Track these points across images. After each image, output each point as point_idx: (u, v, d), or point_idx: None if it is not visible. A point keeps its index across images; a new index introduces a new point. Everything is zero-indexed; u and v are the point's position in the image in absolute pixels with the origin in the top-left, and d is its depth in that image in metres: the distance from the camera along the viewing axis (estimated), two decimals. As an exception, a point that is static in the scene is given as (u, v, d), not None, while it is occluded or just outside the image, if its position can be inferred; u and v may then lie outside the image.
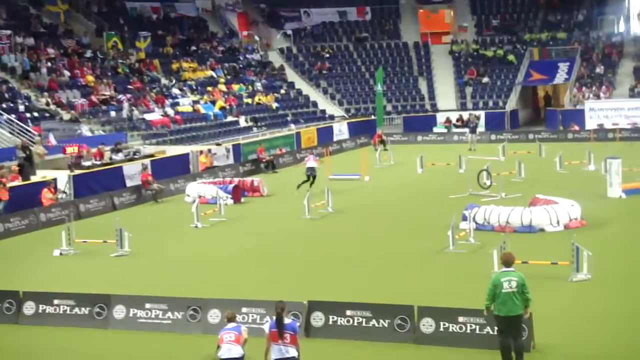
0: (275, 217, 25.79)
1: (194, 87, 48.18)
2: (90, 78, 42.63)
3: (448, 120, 50.93)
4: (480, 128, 50.11)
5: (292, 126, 47.68)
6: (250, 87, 52.18)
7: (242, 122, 46.48)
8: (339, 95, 57.20)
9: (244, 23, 62.06)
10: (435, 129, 51.11)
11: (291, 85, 56.13)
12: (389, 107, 56.20)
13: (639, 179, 27.01)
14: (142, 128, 40.36)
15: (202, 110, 45.29)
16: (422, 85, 58.34)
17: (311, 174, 29.95)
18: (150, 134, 39.89)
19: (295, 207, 26.12)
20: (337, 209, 25.86)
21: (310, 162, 30.37)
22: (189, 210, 24.90)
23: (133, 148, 35.69)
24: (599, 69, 53.70)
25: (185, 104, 45.21)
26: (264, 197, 30.08)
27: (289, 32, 61.87)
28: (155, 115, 41.90)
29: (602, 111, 48.15)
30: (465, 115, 50.89)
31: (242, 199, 29.24)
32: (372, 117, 52.97)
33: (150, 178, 30.09)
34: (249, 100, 50.01)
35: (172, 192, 31.31)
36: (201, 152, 35.06)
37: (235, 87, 51.07)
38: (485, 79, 57.07)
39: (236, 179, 31.10)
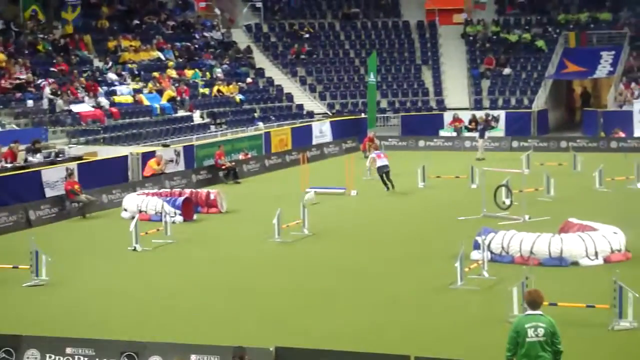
0: (236, 240, 25.74)
1: (136, 72, 48.11)
2: (1, 57, 42.45)
3: (457, 120, 51.09)
4: (499, 132, 50.49)
5: (260, 125, 47.71)
6: (207, 73, 52.19)
7: (197, 118, 46.46)
8: (321, 87, 57.34)
9: (201, -9, 62.13)
10: (441, 132, 51.37)
11: (260, 72, 56.21)
12: (384, 104, 56.40)
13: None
14: (68, 123, 40.21)
15: (146, 102, 45.21)
16: (427, 76, 58.60)
17: (384, 173, 33.69)
18: (78, 130, 39.75)
19: (261, 227, 26.09)
20: (315, 230, 25.85)
21: (382, 159, 33.80)
22: (126, 228, 24.81)
23: (55, 148, 35.53)
24: (653, 61, 54.19)
25: (124, 94, 45.12)
26: (222, 213, 30.04)
27: (259, 4, 61.96)
28: (84, 107, 41.75)
29: (656, 113, 48.60)
30: (481, 115, 51.13)
31: (195, 216, 29.19)
32: (363, 115, 53.11)
33: (76, 187, 29.96)
34: (206, 91, 50.01)
35: (104, 205, 31.23)
36: (154, 155, 35.02)
37: (189, 73, 51.05)
38: (507, 70, 57.43)
39: (187, 191, 31.04)
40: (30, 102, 40.47)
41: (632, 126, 48.25)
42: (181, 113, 46.03)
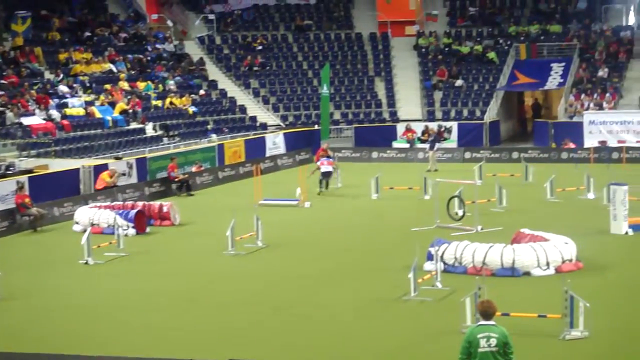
0: (189, 253, 25.65)
1: (88, 85, 47.81)
2: (-49, 69, 42.07)
3: (410, 130, 51.27)
4: (452, 143, 50.75)
5: (214, 137, 47.63)
6: (160, 85, 52.00)
7: (150, 130, 46.24)
8: (274, 99, 57.35)
9: (153, 4, 61.96)
10: (395, 144, 51.52)
11: (213, 84, 56.12)
12: (337, 115, 56.52)
13: (649, 211, 27.48)
14: (18, 135, 39.85)
15: (98, 114, 44.93)
16: (380, 88, 58.84)
17: (325, 179, 36.11)
18: (28, 143, 39.42)
19: (215, 239, 26.02)
20: (269, 242, 25.82)
21: (325, 166, 36.05)
22: (78, 242, 24.62)
23: (5, 161, 35.20)
24: (602, 72, 54.78)
25: (76, 106, 44.80)
26: (175, 226, 29.92)
27: (211, 16, 61.92)
28: (35, 120, 41.43)
29: (605, 125, 49.07)
30: (433, 127, 51.38)
31: (148, 229, 29.06)
32: (316, 127, 53.19)
33: (27, 200, 29.71)
34: (159, 103, 49.80)
35: (56, 218, 30.98)
36: (106, 168, 34.80)
37: (142, 85, 50.84)
38: (459, 82, 57.78)
39: (140, 203, 30.88)
40: (-21, 115, 40.11)
41: (582, 137, 48.72)
42: (133, 125, 45.78)
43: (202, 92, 53.88)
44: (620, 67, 55.51)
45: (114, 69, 51.06)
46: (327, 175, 36.50)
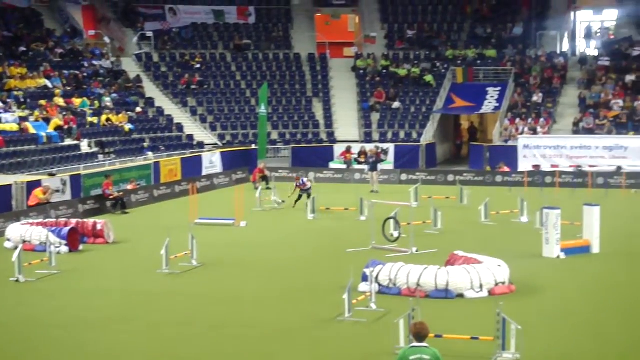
0: (123, 271, 25.42)
1: (22, 100, 47.30)
2: None
3: (348, 151, 51.50)
4: (389, 165, 51.00)
5: (150, 155, 47.36)
6: (96, 102, 51.64)
7: (85, 147, 45.87)
8: (212, 118, 57.25)
9: (90, 20, 61.61)
10: (331, 164, 51.67)
11: (150, 102, 55.85)
12: (275, 135, 56.57)
13: (582, 236, 27.82)
14: (-50, 150, 39.38)
15: (32, 130, 44.46)
16: (317, 108, 59.03)
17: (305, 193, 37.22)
18: (-40, 158, 38.93)
19: (149, 258, 25.84)
20: (203, 262, 25.69)
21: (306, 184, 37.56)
22: (9, 259, 24.28)
23: (-64, 176, 34.71)
24: (537, 97, 55.53)
25: (10, 121, 44.29)
26: (109, 244, 29.64)
27: (149, 34, 61.69)
28: (-32, 134, 40.93)
29: (539, 149, 49.72)
30: (372, 148, 51.64)
31: (81, 247, 28.74)
32: (253, 146, 53.17)
33: (-43, 216, 29.27)
34: (95, 120, 49.44)
35: (-14, 235, 30.56)
36: (39, 185, 34.38)
37: (77, 101, 50.44)
38: (397, 104, 58.20)
39: (74, 221, 30.55)
40: None
41: (516, 161, 49.33)
42: (68, 142, 45.37)
43: (138, 109, 53.60)
44: (554, 92, 56.34)
45: (50, 85, 50.60)
46: (306, 190, 37.58)
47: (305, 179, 38.25)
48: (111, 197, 37.28)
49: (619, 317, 19.82)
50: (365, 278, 21.64)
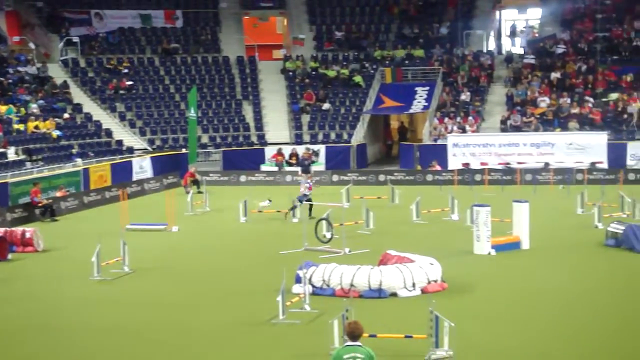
0: (53, 279, 25.11)
1: (-54, 108, 46.58)
2: None
3: (279, 154, 51.50)
4: (320, 166, 51.08)
5: (79, 161, 46.87)
6: (22, 109, 50.93)
7: (12, 154, 45.22)
8: (141, 123, 56.80)
9: (15, 25, 60.72)
10: (263, 167, 51.63)
11: (78, 108, 55.25)
12: (205, 139, 56.34)
13: (511, 232, 28.13)
14: None
15: (-43, 138, 43.82)
16: (247, 111, 58.93)
17: (300, 201, 34.60)
18: None
19: (80, 265, 25.61)
20: (135, 268, 25.52)
21: (304, 189, 34.97)
22: (-64, 270, 23.93)
23: None
24: (465, 96, 56.03)
25: None
26: (39, 252, 29.30)
27: (76, 39, 61.05)
28: None
29: (468, 147, 50.18)
30: (302, 150, 51.70)
31: (9, 256, 28.36)
32: (184, 150, 52.92)
33: None
34: (21, 127, 48.76)
35: None
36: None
37: (3, 108, 49.70)
38: (326, 105, 58.31)
39: (1, 230, 30.15)
40: None
41: (446, 159, 49.74)
42: (-5, 150, 44.78)
43: (66, 115, 52.98)
44: (482, 91, 56.91)
45: (-26, 92, 49.85)
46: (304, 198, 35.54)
47: (310, 183, 36.39)
48: (40, 204, 36.85)
49: (548, 312, 20.08)
50: (298, 280, 21.67)
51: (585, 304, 20.73)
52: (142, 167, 48.73)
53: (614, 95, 53.32)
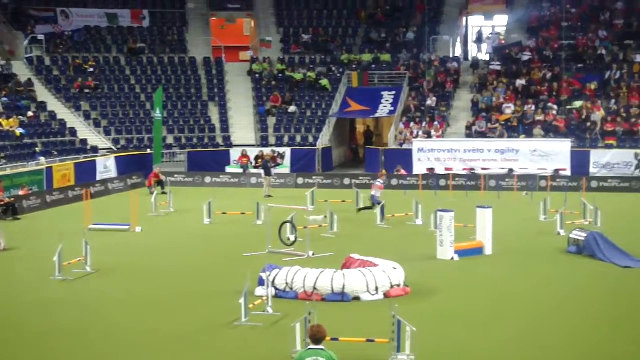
0: (14, 279, 24.95)
1: None
2: None
3: (244, 156, 51.43)
4: (285, 169, 51.10)
5: (42, 160, 46.59)
6: (-14, 106, 50.62)
7: (-26, 152, 44.95)
8: (106, 122, 56.54)
9: (-21, 22, 60.32)
10: (228, 169, 51.56)
11: (42, 106, 54.90)
12: (170, 139, 56.15)
13: (475, 237, 28.27)
14: None
15: None
16: (214, 112, 58.81)
17: (372, 203, 35.26)
18: None
19: (42, 264, 25.44)
20: (98, 268, 25.39)
21: (374, 190, 35.52)
22: None
23: None
24: (431, 101, 56.22)
25: None
26: (0, 251, 29.09)
27: (41, 37, 60.67)
28: None
29: (433, 153, 50.39)
30: (268, 152, 51.67)
31: (-30, 255, 28.22)
32: (149, 151, 52.73)
33: None
34: (-16, 124, 48.47)
35: None
36: None
37: (-34, 105, 49.39)
38: (293, 108, 58.32)
39: (-38, 228, 29.97)
40: None
41: (411, 164, 49.90)
42: (-43, 147, 44.43)
43: (30, 113, 52.62)
44: (448, 96, 57.15)
45: (-62, 89, 49.41)
46: (372, 199, 35.92)
47: (379, 182, 36.55)
48: (2, 203, 36.62)
49: (510, 317, 20.19)
50: (261, 282, 21.64)
51: (547, 309, 20.86)
52: (106, 166, 48.52)
53: (578, 103, 53.74)
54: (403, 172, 48.46)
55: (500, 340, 18.29)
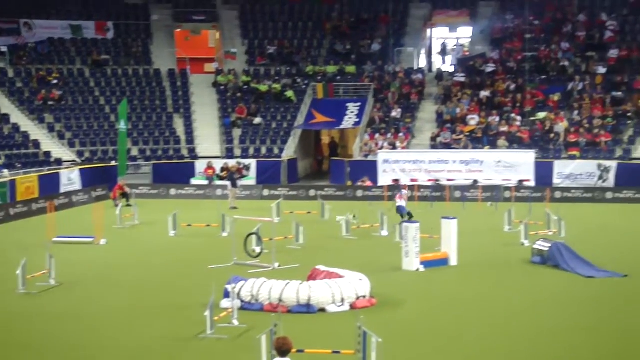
0: (-23, 293, 24.76)
1: None
2: None
3: (210, 167, 51.33)
4: (251, 181, 51.02)
5: (5, 172, 46.23)
6: (-52, 118, 50.20)
7: (-64, 164, 44.55)
8: (70, 134, 56.23)
9: (-59, 34, 59.88)
10: (193, 181, 51.40)
11: (5, 118, 54.53)
12: (135, 151, 55.92)
13: (440, 248, 28.33)
14: None
15: None
16: (179, 124, 58.64)
17: (401, 214, 35.20)
18: None
19: (5, 278, 25.24)
20: (62, 281, 25.19)
21: (400, 200, 35.70)
22: None
23: None
24: (396, 113, 56.40)
25: None
26: (-38, 265, 28.85)
27: (4, 48, 60.30)
28: None
29: (398, 164, 50.53)
30: (234, 164, 51.59)
31: None
32: (113, 163, 52.44)
33: None
34: (-53, 136, 48.05)
35: None
36: None
37: None
38: (258, 120, 58.28)
39: None
40: None
41: (377, 175, 49.99)
42: None
43: (-7, 126, 52.32)
44: (412, 108, 57.36)
45: None
46: (398, 210, 35.94)
47: (401, 192, 36.99)
48: (-35, 216, 36.30)
49: (476, 327, 20.24)
50: (227, 294, 21.59)
51: (512, 319, 20.93)
52: (70, 179, 48.20)
53: (541, 115, 54.13)
54: (369, 183, 48.53)
55: (466, 351, 18.33)
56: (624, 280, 25.52)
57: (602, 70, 56.79)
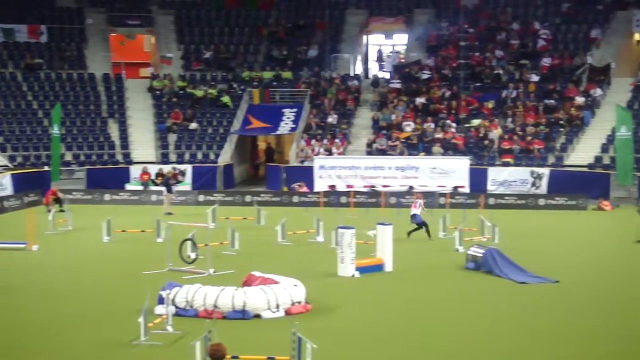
0: None
1: None
2: None
3: (145, 173, 51.00)
4: (186, 186, 50.80)
5: None
6: None
7: None
8: (2, 139, 55.49)
9: None
10: (128, 186, 51.04)
11: (-64, 122, 53.70)
12: (69, 156, 55.34)
13: (375, 254, 28.43)
14: None
15: None
16: (113, 129, 58.17)
17: (416, 222, 34.48)
18: None
19: None
20: (-7, 288, 24.92)
21: (415, 208, 34.66)
22: None
23: None
24: (332, 119, 56.54)
25: None
26: None
27: None
28: None
29: (335, 170, 50.66)
30: (169, 169, 51.31)
31: None
32: (46, 168, 51.90)
33: None
34: None
35: None
36: None
37: None
38: (194, 125, 58.03)
39: None
40: None
41: (313, 181, 50.07)
42: None
43: None
44: (349, 114, 57.55)
45: None
46: (413, 218, 34.99)
47: (420, 201, 35.77)
48: None
49: (411, 333, 20.35)
50: (161, 300, 21.46)
51: (445, 324, 21.07)
52: (1, 184, 47.56)
53: (476, 121, 54.64)
54: (305, 188, 48.59)
55: (401, 356, 18.41)
56: (556, 286, 25.85)
57: (535, 78, 57.51)
